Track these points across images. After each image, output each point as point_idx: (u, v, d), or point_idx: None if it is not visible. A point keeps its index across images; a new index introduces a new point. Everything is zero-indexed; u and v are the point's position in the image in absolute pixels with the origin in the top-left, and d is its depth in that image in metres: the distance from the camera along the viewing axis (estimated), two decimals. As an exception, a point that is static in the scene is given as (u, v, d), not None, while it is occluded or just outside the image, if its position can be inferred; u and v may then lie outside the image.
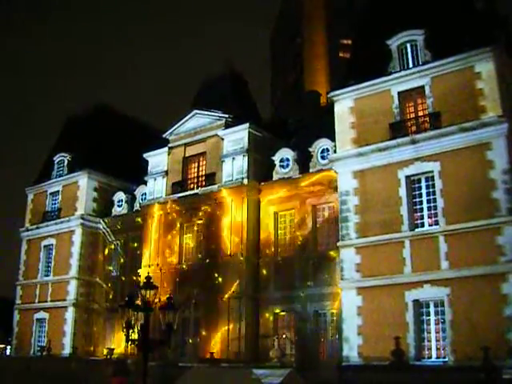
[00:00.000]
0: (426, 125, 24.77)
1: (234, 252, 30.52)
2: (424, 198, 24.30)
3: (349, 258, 25.30)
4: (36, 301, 39.88)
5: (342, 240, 25.83)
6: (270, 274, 30.28)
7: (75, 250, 38.61)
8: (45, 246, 40.77)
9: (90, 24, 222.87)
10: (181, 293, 31.11)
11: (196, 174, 34.35)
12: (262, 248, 30.89)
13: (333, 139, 28.09)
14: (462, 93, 23.87)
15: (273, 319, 29.58)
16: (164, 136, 35.89)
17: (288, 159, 31.16)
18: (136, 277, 33.86)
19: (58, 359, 33.95)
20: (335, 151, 27.67)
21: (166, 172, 35.33)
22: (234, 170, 31.94)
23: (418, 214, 24.32)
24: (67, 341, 36.96)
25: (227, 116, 33.22)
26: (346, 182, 26.31)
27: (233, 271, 30.30)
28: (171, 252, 33.55)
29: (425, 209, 24.19)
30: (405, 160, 24.67)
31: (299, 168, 30.55)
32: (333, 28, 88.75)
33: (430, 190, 24.14)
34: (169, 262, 33.32)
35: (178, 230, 33.79)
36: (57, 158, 42.01)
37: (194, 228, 33.51)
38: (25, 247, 42.23)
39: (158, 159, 36.04)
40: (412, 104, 25.64)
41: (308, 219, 29.62)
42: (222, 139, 33.06)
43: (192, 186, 34.09)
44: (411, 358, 22.08)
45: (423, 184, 24.44)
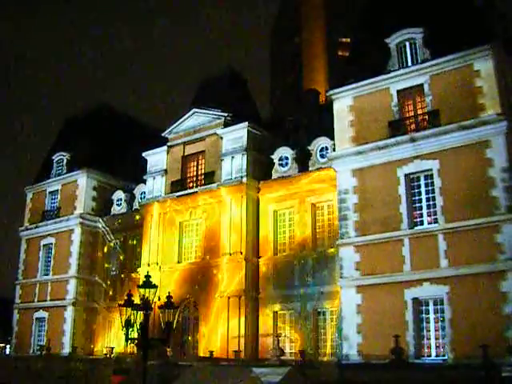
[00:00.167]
0: (425, 123, 24.77)
1: (233, 251, 30.52)
2: (423, 196, 24.31)
3: (348, 256, 25.30)
4: (35, 300, 39.87)
5: (341, 238, 25.83)
6: (270, 272, 30.29)
7: (74, 249, 38.62)
8: (44, 245, 40.77)
9: (90, 24, 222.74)
10: (180, 292, 31.13)
11: (195, 173, 34.34)
12: (261, 247, 30.89)
13: (332, 138, 28.09)
14: (460, 91, 23.87)
15: (272, 318, 29.58)
16: (163, 135, 35.88)
17: (287, 158, 31.16)
18: (135, 276, 33.88)
19: (57, 358, 33.87)
20: (334, 149, 27.66)
21: (165, 171, 35.31)
22: (233, 168, 31.93)
23: (418, 212, 24.32)
24: (67, 340, 36.97)
25: (226, 115, 33.22)
26: (345, 180, 26.31)
27: (232, 270, 30.31)
28: (170, 251, 33.55)
29: (424, 207, 24.20)
30: (404, 158, 24.67)
31: (298, 166, 30.55)
32: (332, 27, 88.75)
33: (429, 188, 24.15)
34: (168, 260, 33.32)
35: (178, 228, 33.80)
36: (56, 157, 42.01)
37: (194, 227, 33.52)
38: (24, 246, 42.23)
39: (157, 158, 36.03)
40: (411, 102, 25.63)
41: (307, 218, 29.61)
42: (221, 138, 33.06)
43: (191, 184, 34.09)
44: (411, 356, 22.09)
45: (422, 182, 24.44)
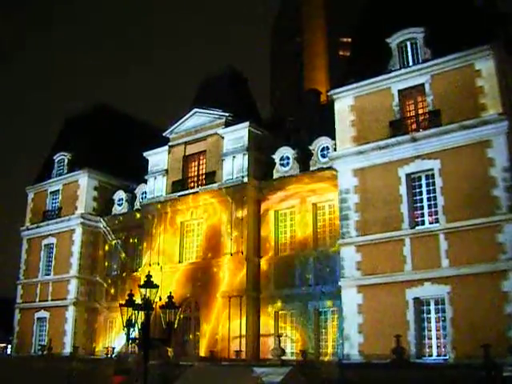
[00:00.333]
0: (426, 123, 24.75)
1: (234, 251, 30.52)
2: (424, 196, 24.30)
3: (349, 256, 25.30)
4: (37, 300, 39.87)
5: (342, 238, 25.84)
6: (271, 272, 30.28)
7: (75, 248, 38.62)
8: (45, 245, 40.77)
9: (90, 23, 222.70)
10: (181, 291, 31.13)
11: (196, 173, 34.34)
12: (262, 246, 30.89)
13: (333, 137, 28.09)
14: (461, 90, 23.86)
15: (273, 318, 29.57)
16: (164, 135, 35.88)
17: (288, 157, 31.15)
18: (136, 275, 33.87)
19: (58, 358, 33.90)
20: (335, 149, 27.65)
21: (167, 171, 35.31)
22: (235, 168, 31.93)
23: (419, 211, 24.31)
24: (68, 340, 36.96)
25: (227, 114, 33.22)
26: (346, 180, 26.30)
27: (233, 270, 30.31)
28: (172, 251, 33.56)
29: (425, 207, 24.19)
30: (405, 158, 24.66)
31: (299, 166, 30.53)
32: (332, 26, 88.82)
33: (431, 187, 24.15)
34: (169, 260, 33.33)
35: (179, 228, 33.80)
36: (57, 157, 42.01)
37: (195, 227, 33.52)
38: (25, 246, 42.23)
39: (158, 158, 36.03)
40: (412, 102, 25.61)
41: (308, 217, 29.60)
42: (222, 138, 33.05)
43: (192, 184, 34.09)
44: (412, 356, 22.08)
45: (423, 182, 24.44)
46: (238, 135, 32.45)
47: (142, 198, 37.13)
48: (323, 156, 29.57)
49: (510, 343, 19.91)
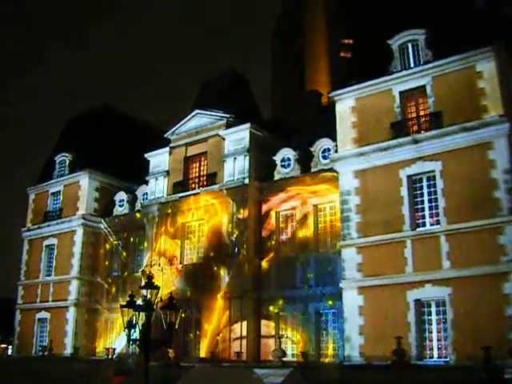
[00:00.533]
0: (427, 124, 24.75)
1: (235, 252, 30.52)
2: (425, 198, 24.29)
3: (350, 257, 25.29)
4: (37, 301, 39.89)
5: (343, 240, 25.83)
6: (272, 273, 30.27)
7: (77, 249, 38.63)
8: (46, 246, 40.79)
9: (91, 23, 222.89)
10: (182, 292, 31.13)
11: (197, 174, 34.36)
12: (263, 248, 30.88)
13: (334, 139, 28.08)
14: (463, 92, 23.85)
15: (274, 319, 29.57)
16: (165, 136, 35.93)
17: (289, 159, 31.15)
18: (137, 276, 33.87)
19: (59, 359, 33.93)
20: (336, 151, 27.66)
21: (168, 172, 35.34)
22: (236, 169, 31.94)
23: (420, 213, 24.30)
24: (69, 341, 36.96)
25: (228, 116, 33.24)
26: (347, 181, 26.31)
27: (234, 271, 30.31)
28: (172, 252, 33.57)
29: (426, 208, 24.18)
30: (406, 160, 24.65)
31: (300, 168, 30.54)
32: (334, 28, 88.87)
33: (432, 189, 24.14)
34: (170, 261, 33.32)
35: (180, 229, 33.80)
36: (58, 158, 42.05)
37: (196, 228, 33.52)
38: (26, 247, 42.25)
39: (159, 159, 36.06)
40: (413, 103, 25.61)
41: (309, 219, 29.60)
42: (224, 139, 33.06)
43: (193, 185, 34.10)
44: (413, 358, 22.02)
45: (425, 184, 24.43)
46: (239, 136, 32.46)
47: (143, 199, 37.15)
48: (324, 157, 29.57)
49: (511, 345, 19.90)
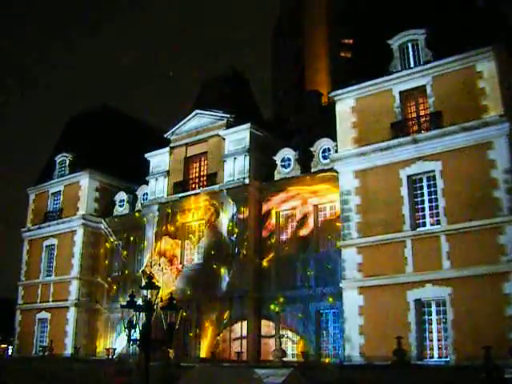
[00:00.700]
0: (427, 124, 24.76)
1: (235, 252, 30.53)
2: (425, 198, 24.29)
3: (350, 257, 25.30)
4: (38, 301, 39.90)
5: (343, 240, 25.83)
6: (272, 273, 30.27)
7: (77, 250, 38.64)
8: (46, 246, 40.81)
9: (91, 23, 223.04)
10: (182, 292, 31.15)
11: (197, 174, 34.37)
12: (263, 247, 30.89)
13: (334, 139, 28.09)
14: (463, 92, 23.85)
15: (274, 319, 29.57)
16: (165, 136, 35.95)
17: (289, 159, 31.16)
18: (138, 276, 33.88)
19: (59, 359, 33.95)
20: (336, 151, 27.66)
21: (168, 172, 35.35)
22: (236, 169, 31.95)
23: (420, 213, 24.30)
24: (69, 341, 36.97)
25: (228, 116, 33.24)
26: (347, 181, 26.31)
27: (235, 271, 30.31)
28: (173, 252, 33.57)
29: (426, 208, 24.19)
30: (406, 159, 24.65)
31: (301, 168, 30.54)
32: (334, 28, 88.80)
33: (432, 189, 24.14)
34: (170, 261, 33.32)
35: (180, 229, 33.81)
36: (58, 158, 42.06)
37: (196, 228, 33.52)
38: (26, 247, 42.27)
39: (159, 159, 36.08)
40: (413, 103, 25.62)
41: (310, 219, 29.60)
42: (224, 139, 33.07)
43: (193, 185, 34.11)
44: (413, 358, 22.02)
45: (425, 183, 24.43)
46: (239, 136, 32.47)
47: (144, 200, 37.16)
48: (324, 157, 29.57)
49: (511, 345, 19.90)
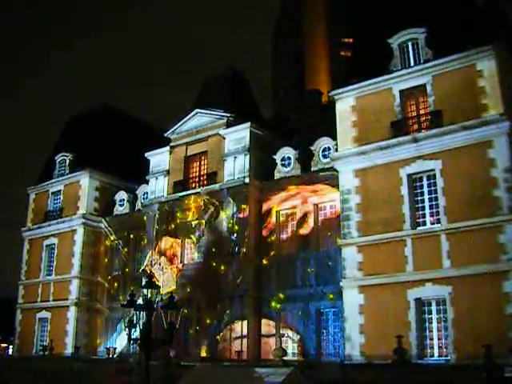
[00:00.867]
0: (427, 123, 24.75)
1: (235, 251, 30.52)
2: (426, 197, 24.30)
3: (350, 256, 25.30)
4: (38, 300, 39.91)
5: (343, 238, 25.84)
6: (272, 272, 30.26)
7: (77, 249, 38.65)
8: (47, 246, 40.82)
9: (91, 23, 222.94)
10: (183, 292, 31.15)
11: (198, 173, 34.37)
12: (263, 247, 30.87)
13: (334, 138, 28.09)
14: (463, 91, 23.84)
15: (275, 318, 29.57)
16: (166, 135, 35.93)
17: (289, 158, 31.16)
18: (138, 276, 33.88)
19: (60, 358, 33.95)
20: (337, 150, 27.65)
21: (168, 171, 35.35)
22: (236, 168, 31.94)
23: (420, 212, 24.31)
24: (69, 340, 36.98)
25: (229, 115, 33.23)
26: (347, 180, 26.31)
27: (235, 270, 30.30)
28: (173, 251, 33.57)
29: (426, 207, 24.19)
30: (406, 158, 24.65)
31: (301, 167, 30.54)
32: (334, 27, 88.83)
33: (432, 188, 24.15)
34: (171, 260, 33.33)
35: (180, 228, 33.80)
36: (58, 158, 42.06)
37: (196, 227, 33.49)
38: (27, 247, 42.27)
39: (159, 158, 36.07)
40: (413, 102, 25.61)
41: (310, 218, 29.60)
42: (224, 138, 33.06)
43: (194, 185, 34.11)
44: (413, 357, 22.05)
45: (425, 182, 24.44)
46: (239, 136, 32.46)
47: (144, 199, 37.16)
48: (324, 156, 29.56)
49: (512, 344, 19.93)
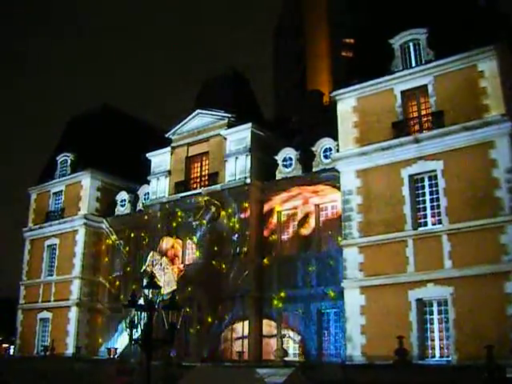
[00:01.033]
0: (428, 124, 24.74)
1: (237, 251, 30.52)
2: (427, 197, 24.29)
3: (352, 257, 25.29)
4: (39, 300, 39.92)
5: (345, 239, 25.83)
6: (274, 273, 30.25)
7: (78, 249, 38.66)
8: (48, 246, 40.82)
9: (92, 23, 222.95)
10: (184, 292, 31.13)
11: (199, 174, 34.38)
12: (265, 247, 30.88)
13: (336, 138, 28.07)
14: (465, 91, 23.84)
15: (276, 318, 29.56)
16: (167, 136, 35.94)
17: (291, 158, 31.16)
18: (139, 276, 33.88)
19: (61, 359, 33.97)
20: (338, 150, 27.64)
21: (169, 172, 35.36)
22: (237, 169, 31.95)
23: (421, 212, 24.29)
24: (70, 340, 37.00)
25: (230, 116, 33.24)
26: (348, 181, 26.31)
27: (236, 270, 30.29)
28: (174, 251, 33.57)
29: (428, 208, 24.17)
30: (408, 159, 24.65)
31: (302, 167, 30.54)
32: (335, 27, 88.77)
33: (433, 188, 24.14)
34: (172, 261, 33.31)
35: (181, 229, 33.81)
36: (60, 158, 42.08)
37: (197, 227, 33.48)
38: (28, 247, 42.28)
39: (160, 159, 36.09)
40: (415, 103, 25.61)
41: (311, 218, 29.60)
42: (225, 139, 33.07)
43: (195, 185, 34.12)
44: (414, 357, 22.04)
45: (426, 183, 24.43)
46: (240, 136, 32.47)
47: (145, 199, 37.19)
48: (326, 157, 29.56)
49: (513, 344, 19.91)
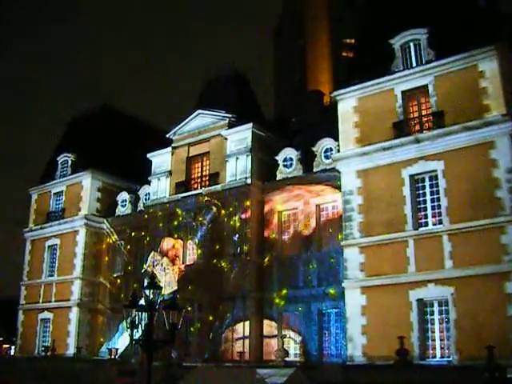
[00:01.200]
0: (429, 124, 24.74)
1: (237, 251, 30.52)
2: (428, 197, 24.28)
3: (353, 257, 25.29)
4: (40, 301, 39.97)
5: (345, 239, 25.82)
6: (274, 273, 30.26)
7: (79, 250, 38.69)
8: (49, 247, 40.87)
9: (92, 23, 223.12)
10: (185, 292, 31.13)
11: (200, 174, 34.38)
12: (265, 247, 30.88)
13: (336, 139, 28.07)
14: (465, 92, 23.83)
15: (277, 318, 29.56)
16: (168, 136, 35.94)
17: (291, 159, 31.15)
18: (140, 276, 33.88)
19: (62, 359, 33.99)
20: (339, 151, 27.64)
21: (170, 172, 35.37)
22: (238, 169, 31.95)
23: (422, 213, 24.28)
24: (71, 341, 37.04)
25: (230, 116, 33.24)
26: (349, 181, 26.30)
27: (237, 271, 30.29)
28: (175, 251, 33.57)
29: (428, 208, 24.16)
30: (408, 159, 24.64)
31: (303, 167, 30.53)
32: (336, 27, 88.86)
33: (434, 189, 24.13)
34: (173, 261, 33.31)
35: (182, 229, 33.81)
36: (60, 159, 42.11)
37: (198, 227, 33.49)
38: (29, 247, 42.33)
39: (161, 159, 36.09)
40: (415, 103, 25.61)
41: (312, 218, 29.60)
42: (226, 139, 33.08)
43: (196, 185, 34.13)
44: (415, 358, 22.04)
45: (427, 183, 24.43)
46: (241, 136, 32.48)
47: (146, 199, 37.20)
48: (326, 157, 29.54)
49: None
